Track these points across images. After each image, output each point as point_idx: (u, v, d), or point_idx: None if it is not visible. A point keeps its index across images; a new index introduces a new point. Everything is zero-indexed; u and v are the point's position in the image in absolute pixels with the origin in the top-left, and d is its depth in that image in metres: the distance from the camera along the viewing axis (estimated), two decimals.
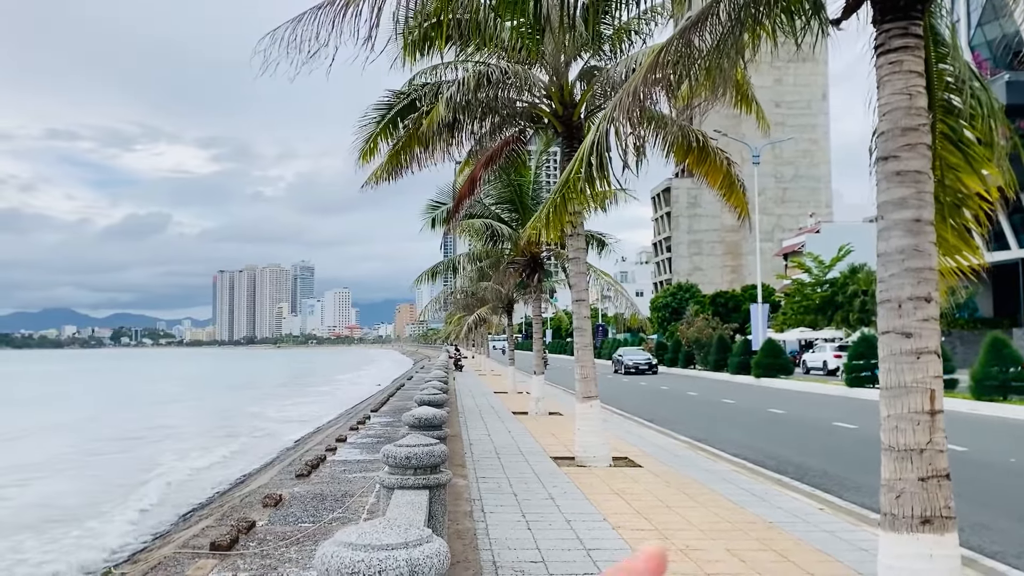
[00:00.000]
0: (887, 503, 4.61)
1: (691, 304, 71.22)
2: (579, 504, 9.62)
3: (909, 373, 4.52)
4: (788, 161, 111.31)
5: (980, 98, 5.35)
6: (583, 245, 13.92)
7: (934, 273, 4.58)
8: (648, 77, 6.37)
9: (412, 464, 5.16)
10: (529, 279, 24.63)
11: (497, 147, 14.19)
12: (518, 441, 15.83)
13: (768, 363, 39.92)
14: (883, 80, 4.73)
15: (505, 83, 11.74)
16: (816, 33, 5.60)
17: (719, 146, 11.64)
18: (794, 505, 9.62)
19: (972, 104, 5.50)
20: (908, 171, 4.59)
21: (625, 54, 12.57)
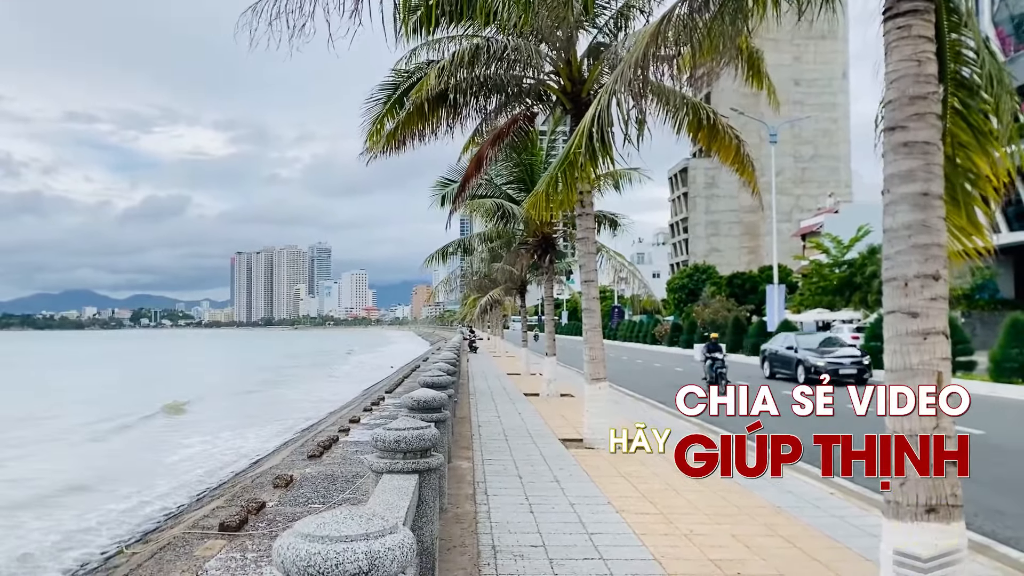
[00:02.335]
0: (892, 490, 4.42)
1: (708, 285, 70.81)
2: (584, 487, 9.48)
3: (915, 355, 4.31)
4: (807, 140, 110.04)
5: (992, 72, 5.08)
6: (592, 225, 13.71)
7: (943, 250, 4.35)
8: (650, 47, 6.15)
9: (402, 448, 5.02)
10: (541, 260, 24.41)
11: (505, 125, 13.97)
12: (527, 423, 15.71)
13: None
14: (891, 46, 4.48)
15: (508, 58, 11.51)
16: (820, 3, 5.35)
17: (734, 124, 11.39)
18: (804, 489, 9.43)
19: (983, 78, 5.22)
20: (916, 142, 4.36)
21: (630, 31, 12.30)
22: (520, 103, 13.97)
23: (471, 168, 15.48)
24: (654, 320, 70.24)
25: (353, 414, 19.89)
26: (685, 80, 7.86)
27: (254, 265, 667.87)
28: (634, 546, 6.94)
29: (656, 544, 6.98)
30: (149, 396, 34.02)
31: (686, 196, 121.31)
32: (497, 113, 14.32)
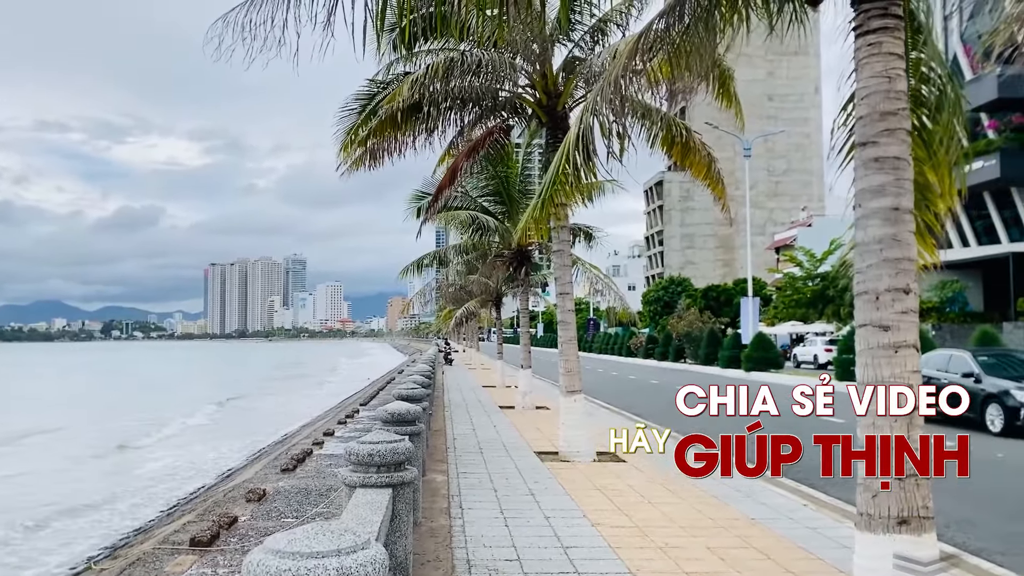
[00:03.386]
0: (863, 502, 4.45)
1: (683, 298, 71.20)
2: (559, 500, 9.46)
3: (887, 368, 4.35)
4: (781, 154, 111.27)
5: (946, 91, 5.17)
6: (568, 238, 13.75)
7: (912, 264, 4.41)
8: (628, 64, 6.19)
9: (375, 462, 4.98)
10: (517, 272, 24.43)
11: (480, 137, 13.99)
12: (502, 436, 15.66)
13: (758, 357, 39.88)
14: (862, 63, 4.55)
15: (483, 71, 11.54)
16: (790, 17, 5.42)
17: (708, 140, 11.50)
18: (778, 501, 9.48)
19: (938, 96, 5.32)
20: (887, 157, 4.42)
21: (605, 45, 12.39)
22: (495, 116, 14.00)
23: (445, 180, 15.49)
24: (629, 332, 70.48)
25: (327, 427, 19.74)
26: (661, 96, 7.93)
27: (228, 277, 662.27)
28: (609, 559, 6.93)
29: (631, 557, 6.97)
30: None
31: (661, 209, 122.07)
32: (472, 126, 14.34)
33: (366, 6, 5.21)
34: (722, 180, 11.64)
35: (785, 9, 5.57)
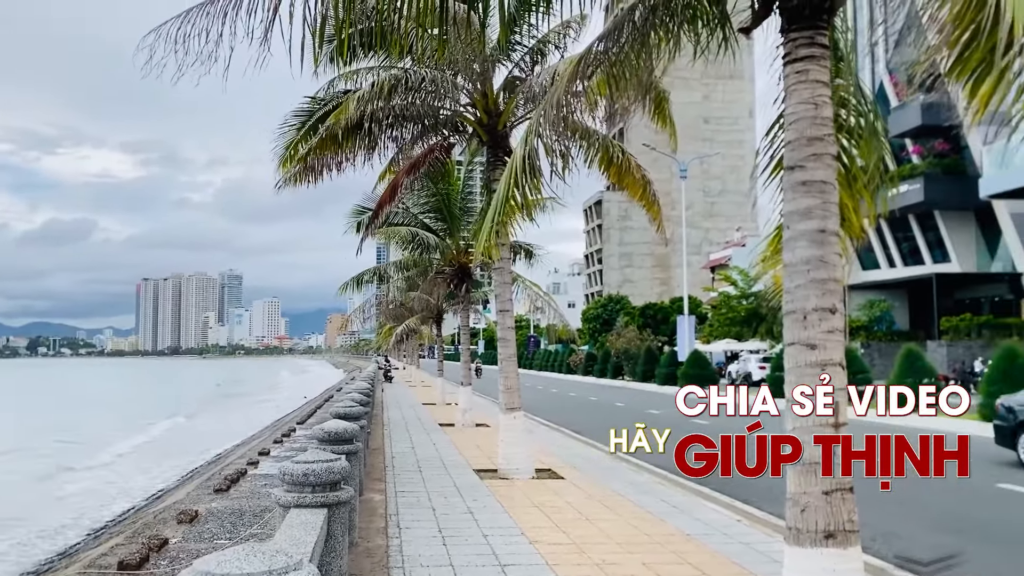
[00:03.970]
0: (792, 517, 4.56)
1: (621, 315, 71.99)
2: (498, 518, 9.45)
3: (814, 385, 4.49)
4: (716, 176, 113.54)
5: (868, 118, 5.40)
6: (509, 255, 13.82)
7: (839, 284, 4.57)
8: (569, 87, 6.29)
9: (310, 481, 4.91)
10: (457, 289, 24.42)
11: (421, 155, 14.01)
12: (442, 453, 15.59)
13: (694, 374, 40.52)
14: (790, 89, 4.72)
15: (425, 90, 11.59)
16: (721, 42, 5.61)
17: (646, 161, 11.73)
18: (713, 517, 9.62)
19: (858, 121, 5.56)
20: (814, 181, 4.59)
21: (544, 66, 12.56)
22: (437, 133, 14.05)
23: (385, 196, 15.45)
24: (569, 349, 70.92)
25: (263, 446, 19.37)
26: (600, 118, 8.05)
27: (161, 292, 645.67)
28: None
29: (569, 574, 7.00)
30: None
31: (600, 228, 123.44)
32: (414, 143, 14.37)
33: (304, 22, 5.19)
34: (657, 201, 11.88)
35: (717, 35, 5.75)
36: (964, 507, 10.72)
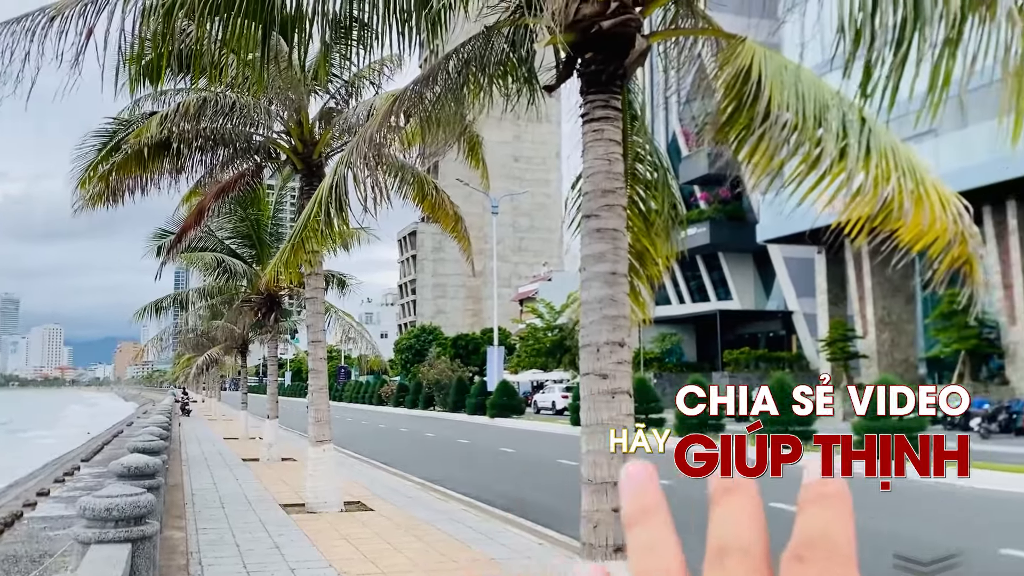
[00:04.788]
0: (586, 533, 5.00)
1: (434, 346, 72.36)
2: (305, 552, 9.36)
3: (605, 411, 4.97)
4: (525, 213, 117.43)
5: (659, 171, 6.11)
6: (322, 285, 13.76)
7: (627, 320, 5.11)
8: (383, 124, 6.55)
9: (114, 516, 4.78)
10: (266, 318, 23.77)
11: (231, 179, 13.72)
12: (245, 489, 15.11)
13: (502, 403, 41.54)
14: (588, 145, 5.25)
15: (236, 114, 11.45)
16: (529, 97, 6.12)
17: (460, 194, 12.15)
18: (517, 541, 10.04)
19: (652, 174, 6.26)
20: (607, 228, 5.12)
21: (359, 100, 12.77)
22: (248, 159, 13.81)
23: (190, 219, 14.96)
24: (381, 380, 70.35)
25: (42, 486, 17.85)
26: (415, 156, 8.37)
27: None
28: None
29: None
30: None
31: (415, 258, 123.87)
32: (224, 167, 14.03)
33: (119, 49, 5.13)
34: (468, 235, 12.35)
35: (525, 90, 6.26)
36: None
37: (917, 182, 5.36)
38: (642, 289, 7.03)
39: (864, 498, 4.59)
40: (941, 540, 10.44)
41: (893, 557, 5.22)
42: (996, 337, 33.03)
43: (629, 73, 5.34)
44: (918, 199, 5.33)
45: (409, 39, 5.73)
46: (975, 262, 5.58)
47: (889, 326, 38.11)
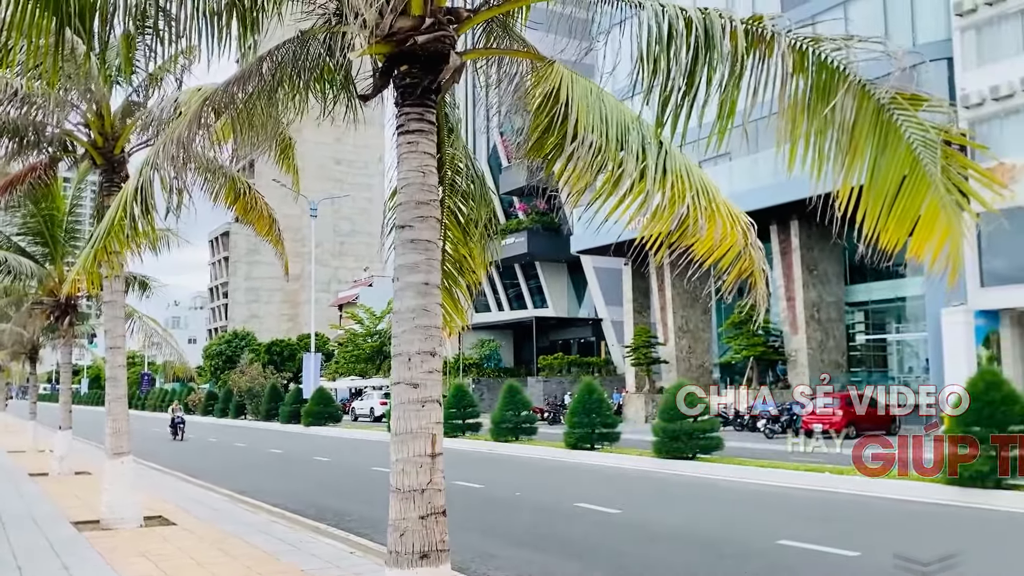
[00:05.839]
0: (392, 541, 5.06)
1: (247, 352, 69.61)
2: (99, 571, 8.78)
3: (415, 420, 5.06)
4: (346, 216, 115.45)
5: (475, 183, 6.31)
6: (122, 288, 12.93)
7: (439, 330, 5.22)
8: (192, 125, 6.31)
9: None
10: (59, 322, 21.96)
11: (20, 172, 12.64)
12: (31, 507, 13.91)
13: (318, 411, 40.63)
14: (402, 157, 5.33)
15: (27, 103, 10.59)
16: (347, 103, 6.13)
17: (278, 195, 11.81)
18: (328, 551, 9.90)
19: (470, 185, 6.46)
20: (420, 239, 5.21)
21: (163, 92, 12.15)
22: (40, 151, 12.78)
23: None
24: (188, 388, 66.71)
25: None
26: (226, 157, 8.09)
27: None
28: None
29: None
30: None
31: (227, 260, 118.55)
32: (11, 159, 12.90)
33: None
34: (282, 239, 12.05)
35: (343, 96, 6.25)
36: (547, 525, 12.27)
37: (709, 200, 5.84)
38: (460, 296, 7.19)
39: (663, 497, 4.99)
40: (729, 533, 11.34)
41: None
42: (780, 345, 36.15)
43: (444, 88, 5.47)
44: (710, 216, 5.80)
45: (219, 39, 5.57)
46: (759, 275, 6.14)
47: (687, 334, 40.76)
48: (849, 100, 4.80)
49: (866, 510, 13.26)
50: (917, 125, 4.65)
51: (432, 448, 5.04)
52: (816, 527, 11.76)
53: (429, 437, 5.04)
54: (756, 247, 6.00)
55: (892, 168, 4.71)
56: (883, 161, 4.75)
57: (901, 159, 4.65)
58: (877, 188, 4.78)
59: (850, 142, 4.85)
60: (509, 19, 6.39)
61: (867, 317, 37.19)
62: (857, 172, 4.89)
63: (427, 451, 5.03)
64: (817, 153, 4.98)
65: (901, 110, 4.69)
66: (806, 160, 5.02)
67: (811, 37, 5.03)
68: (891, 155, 4.70)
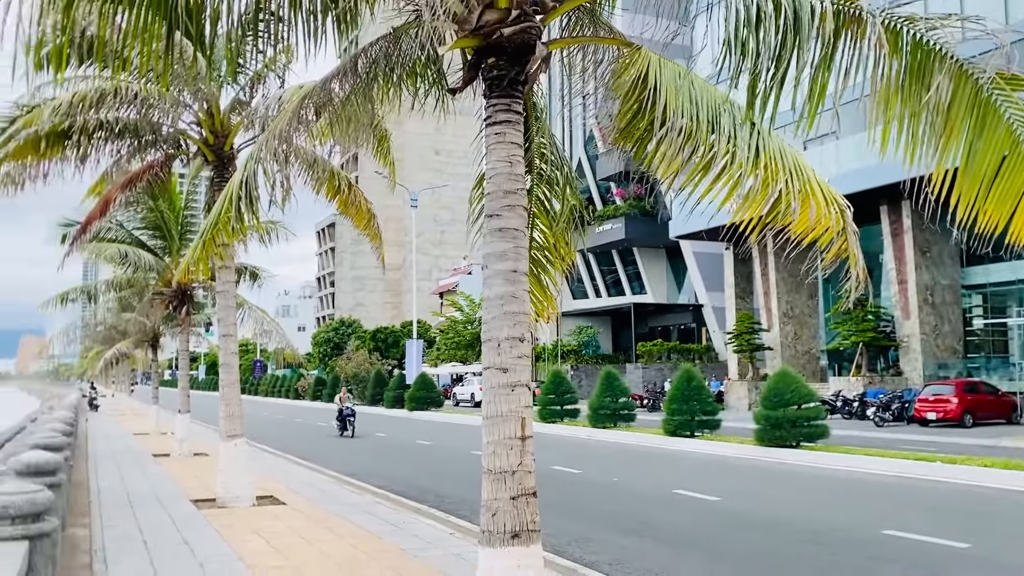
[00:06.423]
0: (485, 521, 5.20)
1: (352, 339, 71.75)
2: (215, 546, 9.31)
3: (505, 403, 5.18)
4: (446, 206, 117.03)
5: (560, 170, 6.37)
6: (233, 278, 13.58)
7: (527, 316, 5.32)
8: (292, 120, 6.59)
9: (10, 514, 4.74)
10: (177, 312, 23.24)
11: (139, 170, 13.42)
12: (155, 485, 14.83)
13: (421, 396, 41.52)
14: (490, 147, 5.44)
15: (144, 104, 11.23)
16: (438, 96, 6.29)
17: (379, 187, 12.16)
18: (429, 532, 10.19)
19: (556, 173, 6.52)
20: (508, 228, 5.32)
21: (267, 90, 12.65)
22: (157, 149, 13.54)
23: (96, 211, 14.58)
24: (298, 374, 69.32)
25: None
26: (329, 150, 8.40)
27: None
28: None
29: None
30: None
31: (334, 251, 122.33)
32: (131, 157, 13.71)
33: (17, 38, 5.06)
34: (380, 232, 12.39)
35: (435, 90, 6.42)
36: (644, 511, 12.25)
37: (804, 182, 5.72)
38: (549, 283, 7.27)
39: (765, 485, 4.97)
40: (831, 523, 11.06)
41: None
42: (892, 330, 34.73)
43: (531, 78, 5.54)
44: (805, 198, 5.68)
45: (315, 39, 5.80)
46: (855, 258, 5.99)
47: (793, 319, 39.64)
48: (946, 81, 4.63)
49: (978, 501, 12.70)
50: (1016, 105, 4.48)
51: (522, 431, 5.15)
52: (924, 517, 11.34)
53: (519, 420, 5.15)
54: (852, 230, 5.85)
55: (991, 149, 4.56)
56: (980, 143, 4.60)
57: (1000, 140, 4.51)
58: (974, 170, 4.63)
59: (945, 124, 4.69)
60: (596, 6, 6.40)
61: (985, 300, 35.34)
62: (952, 154, 4.73)
63: (517, 434, 5.14)
64: (911, 135, 4.83)
65: (999, 90, 4.52)
66: (899, 143, 4.87)
67: (906, 16, 4.86)
68: (989, 136, 4.55)
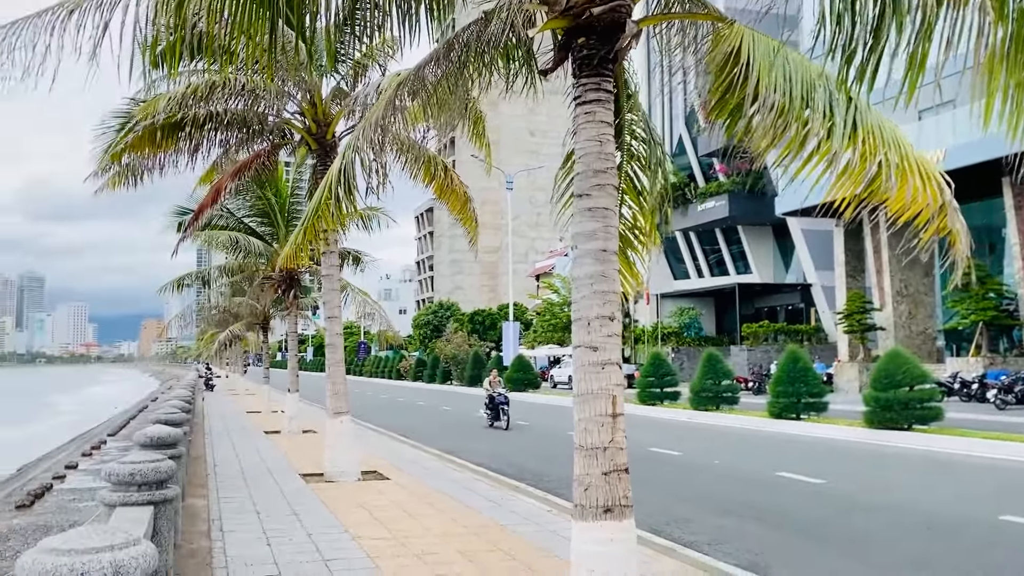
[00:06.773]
0: (578, 496, 5.29)
1: (451, 322, 72.97)
2: (323, 518, 9.75)
3: (595, 381, 5.24)
4: (542, 187, 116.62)
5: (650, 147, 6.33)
6: (336, 262, 14.07)
7: (617, 296, 5.35)
8: (388, 108, 6.78)
9: (136, 481, 5.12)
10: (285, 295, 24.21)
11: (247, 160, 14.02)
12: (266, 460, 15.57)
13: (518, 378, 41.89)
14: (579, 127, 5.47)
15: (251, 95, 11.70)
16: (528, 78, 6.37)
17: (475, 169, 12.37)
18: (527, 508, 10.37)
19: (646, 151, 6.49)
20: (598, 207, 5.35)
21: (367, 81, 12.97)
22: (263, 139, 14.09)
23: (208, 199, 15.29)
24: (399, 355, 71.03)
25: (70, 459, 18.45)
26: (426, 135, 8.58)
27: None
28: (368, 568, 7.37)
29: (388, 565, 7.45)
30: None
31: (432, 235, 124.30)
32: (239, 147, 14.33)
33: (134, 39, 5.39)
34: (475, 217, 12.58)
35: (524, 72, 6.49)
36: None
37: (902, 157, 5.55)
38: (637, 260, 7.27)
39: (873, 468, 4.90)
40: (944, 507, 10.66)
41: None
42: (1015, 309, 32.86)
43: (620, 56, 5.53)
44: (902, 174, 5.51)
45: (409, 26, 5.95)
46: (957, 233, 5.77)
47: (907, 298, 37.99)
48: None
49: None
50: None
51: (613, 408, 5.19)
52: None
53: (610, 398, 5.20)
54: (953, 207, 5.65)
55: None
56: None
57: None
58: None
59: None
60: None
61: None
62: None
63: (608, 411, 5.19)
64: (1015, 106, 4.60)
65: None
66: (1003, 116, 4.65)
67: None
68: None
